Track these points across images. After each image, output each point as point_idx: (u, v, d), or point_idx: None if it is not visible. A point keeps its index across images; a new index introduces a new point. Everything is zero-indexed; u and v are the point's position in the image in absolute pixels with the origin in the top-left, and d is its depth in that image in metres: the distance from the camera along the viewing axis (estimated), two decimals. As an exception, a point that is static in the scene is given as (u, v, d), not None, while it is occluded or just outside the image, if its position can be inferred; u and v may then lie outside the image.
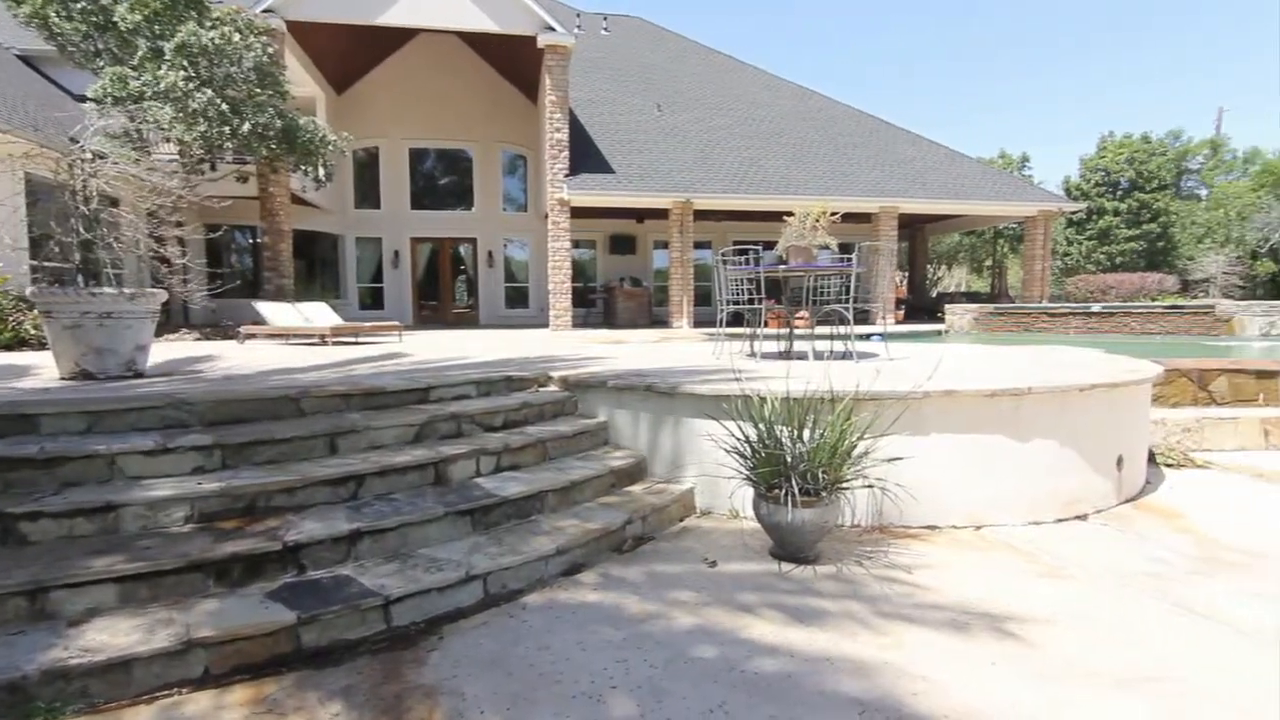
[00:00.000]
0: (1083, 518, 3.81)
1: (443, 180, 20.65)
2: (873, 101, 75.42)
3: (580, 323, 17.72)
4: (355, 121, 18.31)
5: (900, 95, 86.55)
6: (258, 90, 11.24)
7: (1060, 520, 3.76)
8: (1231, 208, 29.73)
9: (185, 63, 10.28)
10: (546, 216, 15.91)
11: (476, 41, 18.66)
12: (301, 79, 15.89)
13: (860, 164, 18.80)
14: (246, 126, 10.74)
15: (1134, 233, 27.88)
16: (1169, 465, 4.95)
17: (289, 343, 10.02)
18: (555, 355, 6.70)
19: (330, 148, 12.21)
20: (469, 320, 20.39)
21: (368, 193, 19.76)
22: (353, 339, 10.83)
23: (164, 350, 7.93)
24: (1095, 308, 13.20)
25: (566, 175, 15.40)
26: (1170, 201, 28.89)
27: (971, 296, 24.61)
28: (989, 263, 32.45)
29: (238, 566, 2.53)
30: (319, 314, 11.00)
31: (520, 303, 20.80)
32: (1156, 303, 15.59)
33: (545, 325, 16.87)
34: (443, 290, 20.78)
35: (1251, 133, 61.41)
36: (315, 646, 2.33)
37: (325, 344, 9.49)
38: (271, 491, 2.93)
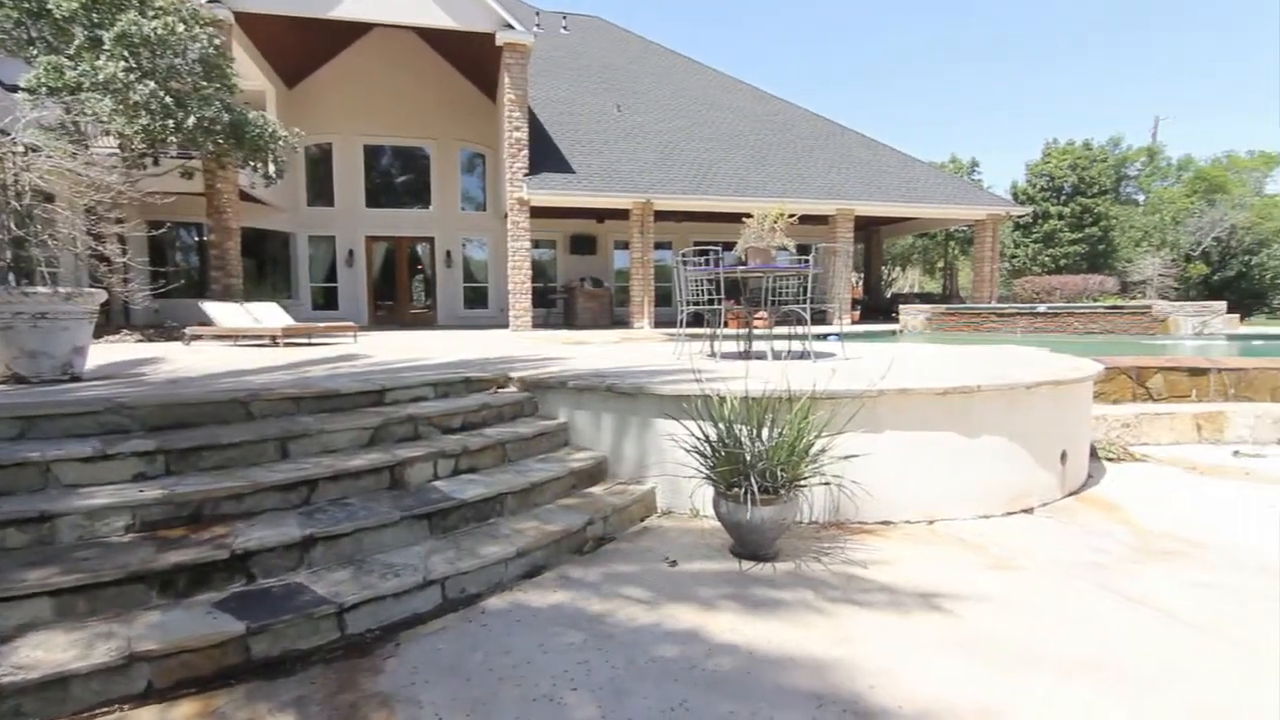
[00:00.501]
0: (1029, 511, 3.94)
1: (399, 178, 20.28)
2: (827, 107, 76.72)
3: (541, 323, 17.61)
4: (307, 117, 17.85)
5: (855, 100, 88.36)
6: (204, 83, 10.86)
7: (1008, 513, 3.88)
8: (1167, 212, 31.17)
9: (126, 53, 9.87)
10: (506, 216, 15.76)
11: (434, 38, 18.40)
12: (250, 72, 15.42)
13: (817, 167, 19.12)
14: (191, 120, 10.37)
15: (1077, 236, 28.98)
16: (1110, 459, 5.16)
17: (238, 344, 9.71)
18: (515, 356, 6.64)
19: (281, 143, 11.87)
20: (426, 321, 20.06)
21: (321, 190, 19.28)
22: (305, 340, 10.55)
23: (104, 353, 7.60)
24: (1041, 308, 13.67)
25: (526, 174, 15.29)
26: (1110, 206, 30.12)
27: (925, 297, 25.26)
28: (941, 264, 33.36)
29: (183, 576, 2.44)
30: (269, 314, 10.68)
31: (479, 303, 20.57)
32: (1098, 303, 16.24)
33: (505, 326, 16.72)
34: (399, 290, 20.41)
35: (1185, 141, 64.50)
36: (266, 657, 2.26)
37: (276, 345, 9.22)
38: (219, 498, 2.83)
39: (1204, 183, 33.48)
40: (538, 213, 16.37)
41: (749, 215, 5.83)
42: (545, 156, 16.39)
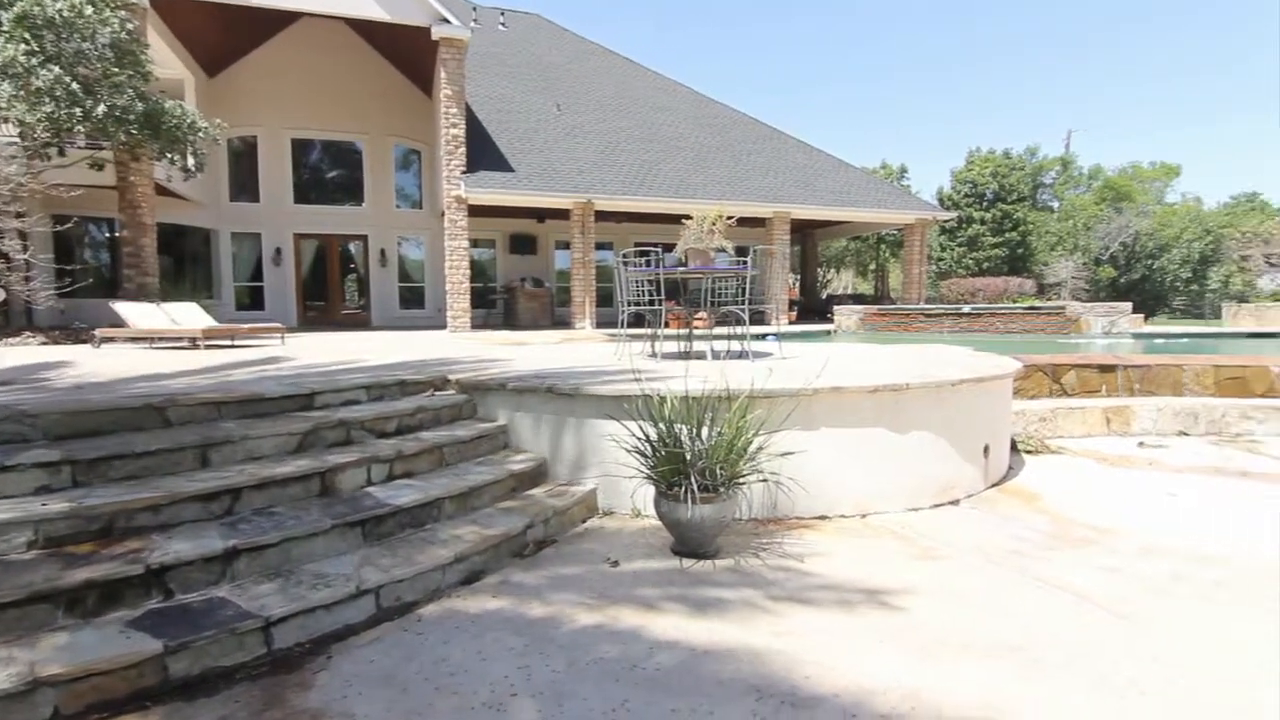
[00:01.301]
0: (955, 503, 4.11)
1: (330, 174, 19.59)
2: (763, 111, 78.36)
3: (480, 324, 17.31)
4: (230, 108, 17.04)
5: (787, 104, 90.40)
6: (115, 69, 10.22)
7: (936, 505, 4.04)
8: (1079, 219, 33.10)
9: (27, 35, 9.20)
10: (443, 214, 15.43)
11: (366, 30, 17.84)
12: (167, 60, 14.61)
13: (755, 170, 19.47)
14: (101, 108, 9.74)
15: (998, 240, 30.46)
16: (1028, 451, 5.44)
17: (153, 347, 9.18)
18: (453, 357, 6.51)
19: (201, 135, 11.29)
20: (360, 322, 19.45)
21: (245, 185, 18.43)
22: (228, 342, 10.07)
23: (1, 356, 7.06)
24: (966, 309, 14.30)
25: (464, 172, 15.01)
26: (1028, 212, 31.77)
27: (858, 298, 26.07)
28: (873, 267, 34.51)
29: (93, 594, 2.29)
30: (189, 315, 10.14)
31: (416, 303, 20.06)
32: (1017, 304, 17.11)
33: (443, 327, 16.36)
34: (331, 290, 19.71)
35: (1095, 152, 68.64)
36: (186, 676, 2.15)
37: (197, 348, 8.76)
38: (133, 510, 2.67)
39: (1112, 191, 35.73)
40: (476, 211, 16.08)
41: (689, 217, 5.89)
42: (484, 154, 16.13)
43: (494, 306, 19.85)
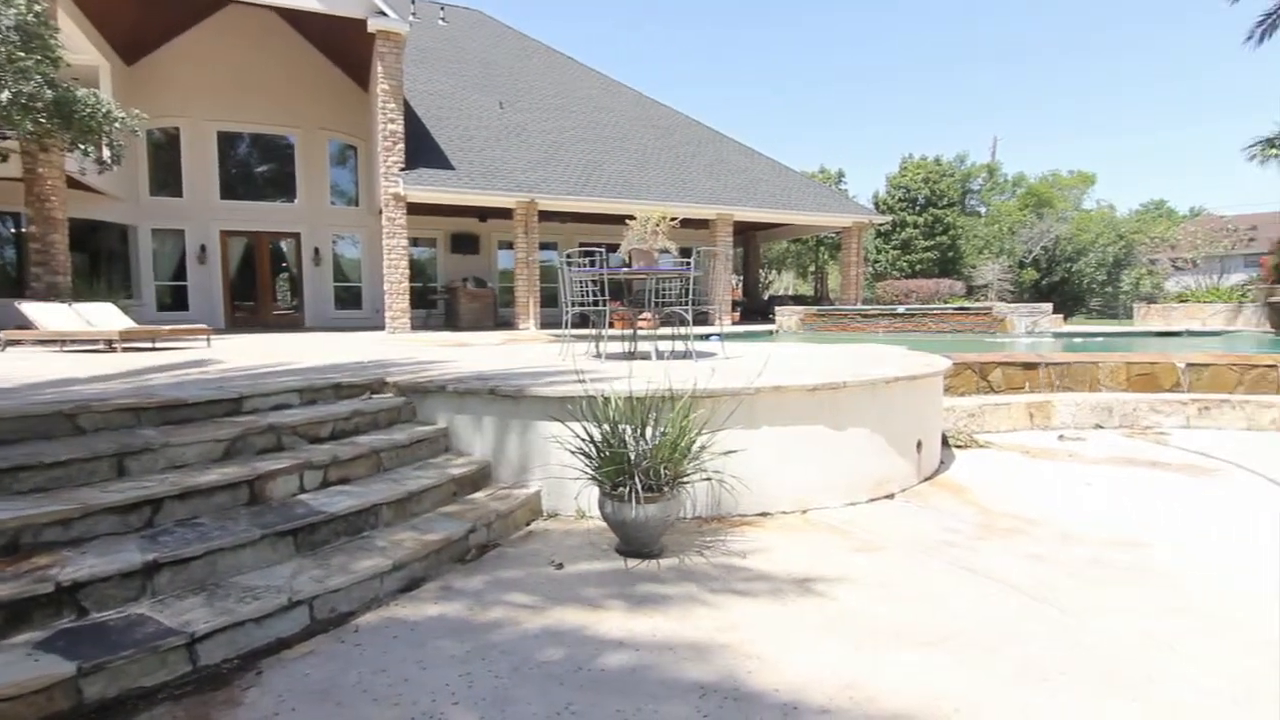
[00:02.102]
0: (890, 496, 4.25)
1: (260, 168, 18.80)
2: (703, 113, 79.28)
3: (420, 325, 16.94)
4: (151, 97, 16.16)
5: (718, 105, 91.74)
6: (20, 54, 9.53)
7: (872, 500, 4.17)
8: (1004, 224, 34.66)
9: (-84, 13, 8.49)
10: (381, 212, 15.02)
11: (298, 20, 17.23)
12: (80, 45, 13.74)
13: (698, 172, 19.67)
14: (5, 95, 9.07)
15: (930, 243, 31.61)
16: (958, 446, 5.67)
17: (65, 350, 8.62)
18: (391, 359, 6.34)
19: (117, 125, 10.65)
20: (292, 323, 18.74)
21: (167, 179, 17.52)
22: (149, 345, 9.54)
23: (-111, 361, 6.50)
24: (900, 310, 14.79)
25: (402, 169, 14.65)
26: (958, 217, 33.08)
27: (799, 299, 26.64)
28: (812, 268, 35.32)
29: (-6, 616, 2.13)
30: (104, 316, 9.55)
31: (352, 304, 19.46)
32: (948, 305, 17.80)
33: (381, 328, 15.93)
34: (261, 290, 18.93)
35: (1019, 160, 72.09)
36: (103, 699, 2.02)
37: (114, 351, 8.27)
38: (40, 525, 2.50)
39: (1034, 198, 37.55)
40: (416, 209, 15.72)
41: (633, 217, 5.90)
42: (423, 151, 15.78)
43: (435, 307, 19.45)
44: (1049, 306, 13.87)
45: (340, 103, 18.82)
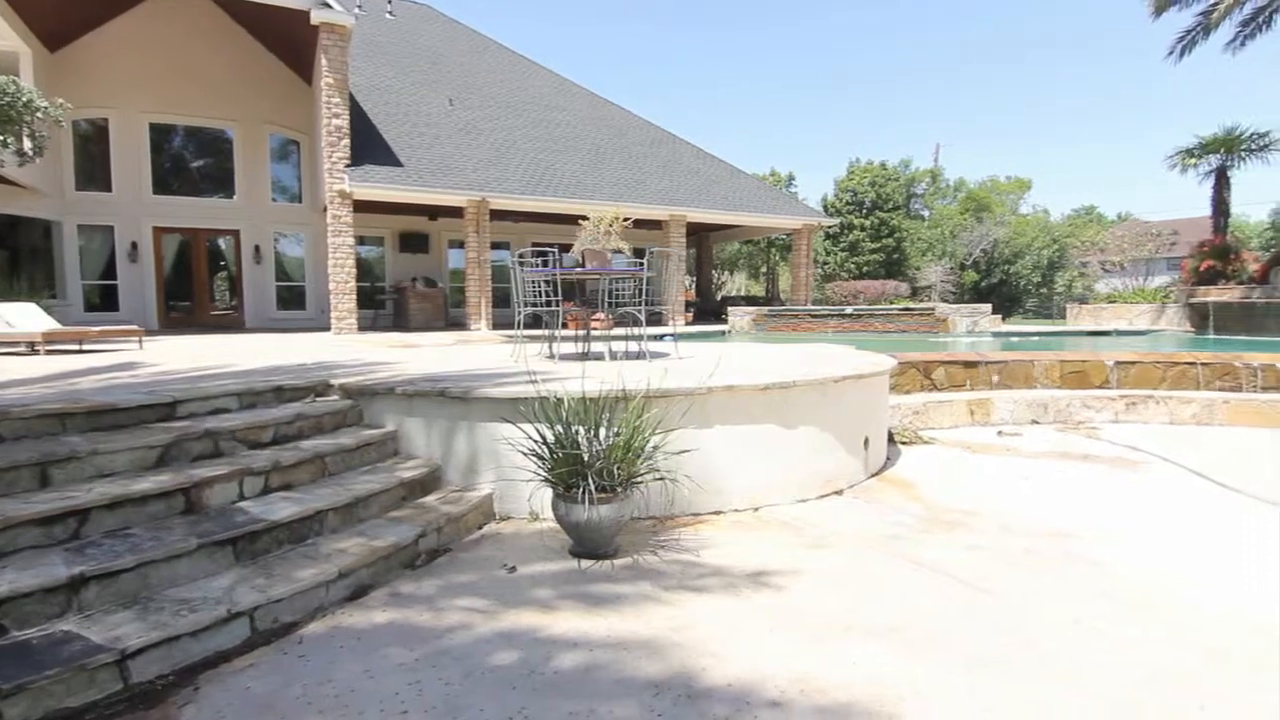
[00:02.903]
0: (839, 493, 4.34)
1: (196, 163, 18.02)
2: (659, 116, 79.69)
3: (368, 326, 16.54)
4: (77, 87, 15.33)
5: (679, 110, 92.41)
6: (-73, 36, 8.93)
7: (822, 496, 4.25)
8: (946, 227, 35.85)
9: None
10: (326, 209, 14.60)
11: (236, 9, 16.57)
12: (-4, 29, 12.95)
13: (651, 173, 19.73)
14: (-89, 80, 8.49)
15: (876, 245, 32.45)
16: (904, 442, 5.83)
17: (-18, 352, 8.11)
18: (337, 361, 6.17)
19: (39, 115, 10.08)
20: (232, 324, 18.04)
21: (95, 172, 16.64)
22: (75, 347, 9.06)
23: None
24: (849, 310, 15.13)
25: (348, 165, 14.26)
26: (902, 220, 34.04)
27: (751, 300, 27.00)
28: (764, 269, 35.84)
29: (-101, 638, 1.99)
30: (25, 317, 9.02)
31: (296, 304, 18.84)
32: (894, 306, 18.30)
33: (326, 329, 15.49)
34: (198, 290, 18.15)
35: (960, 165, 74.52)
36: (21, 723, 1.91)
37: (36, 353, 7.83)
38: (-48, 539, 2.35)
39: (974, 202, 38.96)
40: (363, 207, 15.32)
41: (585, 217, 5.88)
42: (370, 147, 15.39)
43: (383, 308, 18.99)
44: (988, 307, 14.39)
45: (283, 96, 18.20)
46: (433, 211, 18.72)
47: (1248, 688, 2.12)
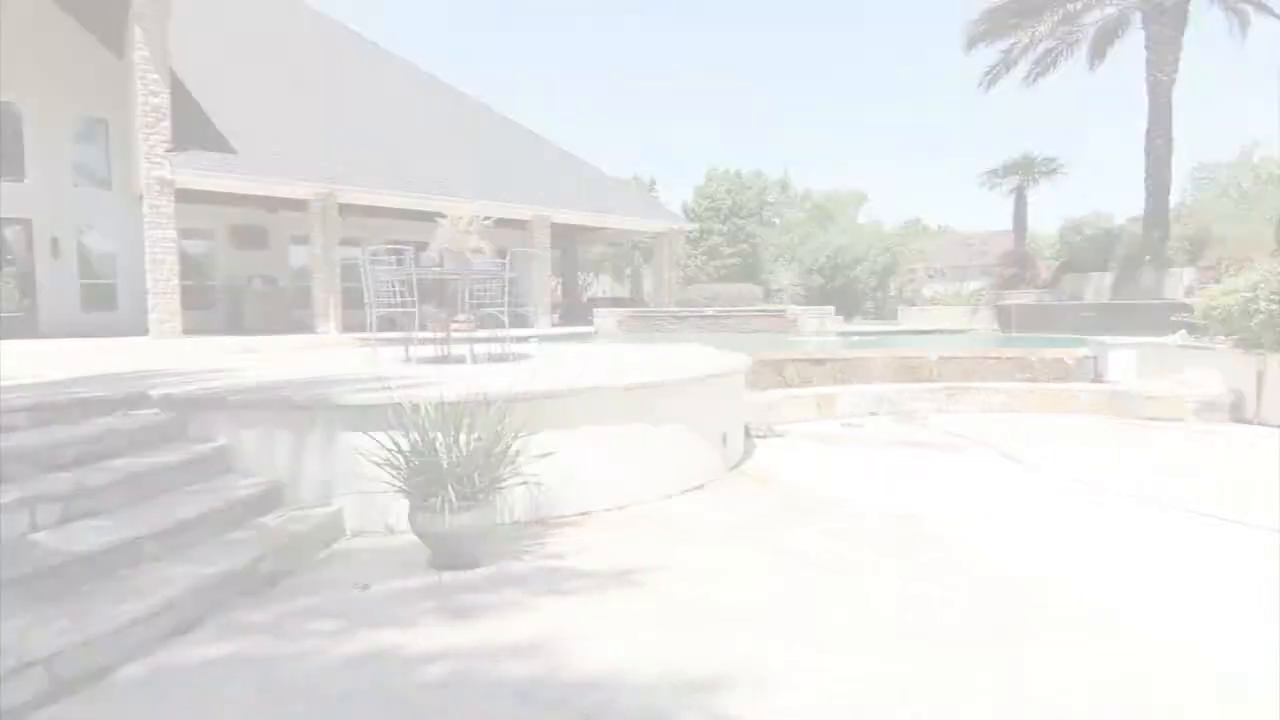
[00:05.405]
0: (701, 487, 4.49)
1: (-28, 140, 15.37)
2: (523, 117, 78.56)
3: (197, 328, 14.91)
4: None
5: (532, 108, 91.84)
6: None
7: (685, 491, 4.37)
8: (795, 234, 38.33)
9: None
10: (142, 198, 13.00)
11: (24, -35, 14.34)
12: None
13: (515, 172, 19.39)
14: None
15: (733, 250, 34.07)
16: (759, 436, 6.13)
17: None
18: (157, 369, 5.50)
19: None
20: (23, 328, 15.53)
21: None
22: None
23: None
24: (709, 311, 15.77)
25: (169, 150, 12.77)
26: (756, 227, 36.01)
27: (616, 301, 27.34)
28: (628, 271, 36.45)
29: None
30: None
31: (106, 305, 16.55)
32: (750, 308, 19.27)
33: (144, 332, 13.79)
34: (-23, 288, 15.49)
35: (806, 177, 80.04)
36: None
37: None
38: None
39: (820, 212, 41.99)
40: (189, 197, 13.76)
41: (443, 215, 5.67)
42: (197, 130, 13.86)
43: (215, 308, 17.21)
44: (833, 309, 15.57)
45: (86, 69, 15.94)
46: (272, 204, 17.22)
47: (1024, 618, 2.44)
